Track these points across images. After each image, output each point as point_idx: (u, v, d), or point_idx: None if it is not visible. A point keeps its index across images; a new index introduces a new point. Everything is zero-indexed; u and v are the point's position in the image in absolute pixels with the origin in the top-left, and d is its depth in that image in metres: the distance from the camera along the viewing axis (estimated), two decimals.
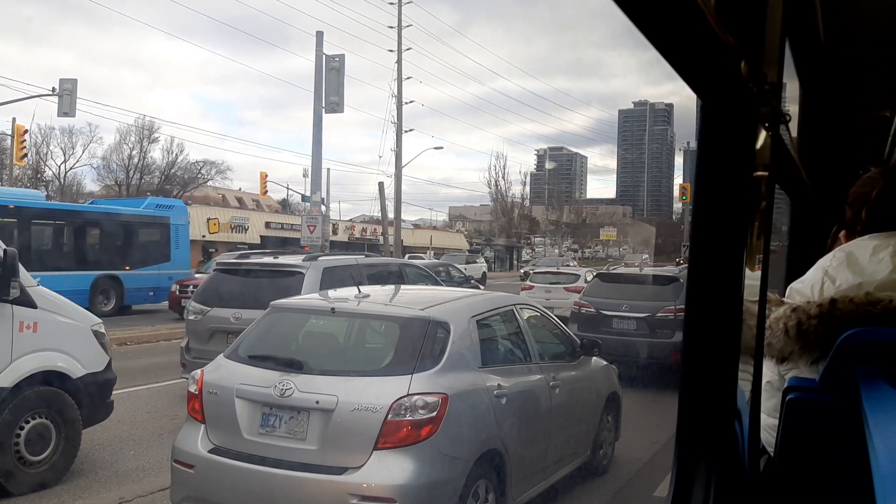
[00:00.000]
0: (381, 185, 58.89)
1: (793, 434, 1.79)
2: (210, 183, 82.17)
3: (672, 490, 1.66)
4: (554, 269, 27.77)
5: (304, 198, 37.07)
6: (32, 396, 7.07)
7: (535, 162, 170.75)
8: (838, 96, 4.08)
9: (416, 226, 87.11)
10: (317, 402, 5.23)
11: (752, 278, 1.68)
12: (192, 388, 5.83)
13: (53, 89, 29.60)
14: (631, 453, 9.01)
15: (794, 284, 2.04)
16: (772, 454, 1.97)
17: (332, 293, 7.22)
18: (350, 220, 79.34)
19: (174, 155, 77.73)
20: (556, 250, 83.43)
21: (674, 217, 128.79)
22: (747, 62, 1.36)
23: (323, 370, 5.77)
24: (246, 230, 63.57)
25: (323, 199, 30.70)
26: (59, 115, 29.83)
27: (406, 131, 48.58)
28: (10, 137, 35.90)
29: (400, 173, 49.48)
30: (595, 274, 18.60)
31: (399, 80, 44.91)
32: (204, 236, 59.10)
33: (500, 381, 5.84)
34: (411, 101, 45.91)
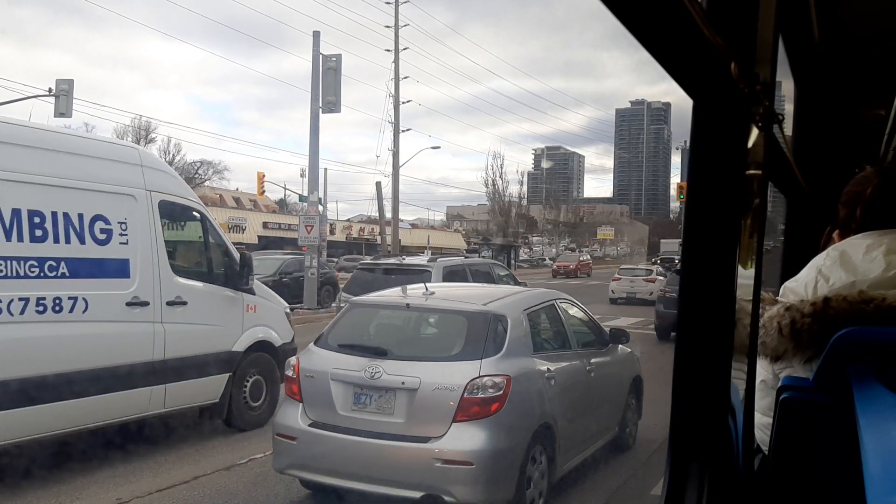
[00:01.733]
0: (378, 184, 58.86)
1: (787, 433, 1.79)
2: (207, 183, 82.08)
3: (666, 489, 1.66)
4: (634, 266, 37.57)
5: (301, 198, 37.02)
6: (254, 359, 9.75)
7: (533, 161, 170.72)
8: (833, 94, 4.08)
9: (414, 225, 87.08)
10: (402, 383, 6.21)
11: (745, 277, 1.69)
12: (290, 373, 6.84)
13: (50, 90, 29.57)
14: (627, 453, 9.02)
15: (788, 283, 2.04)
16: (766, 453, 1.97)
17: (402, 290, 8.09)
18: (348, 220, 79.36)
19: (171, 155, 77.61)
20: (554, 250, 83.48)
21: (671, 216, 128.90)
22: (738, 63, 1.36)
23: (405, 356, 6.75)
24: (243, 230, 63.49)
25: (320, 198, 30.66)
26: (55, 116, 29.76)
27: (403, 131, 48.60)
28: None
29: (397, 173, 49.46)
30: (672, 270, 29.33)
31: (396, 79, 44.91)
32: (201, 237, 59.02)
33: (549, 366, 6.89)
34: (408, 101, 45.94)
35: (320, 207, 28.88)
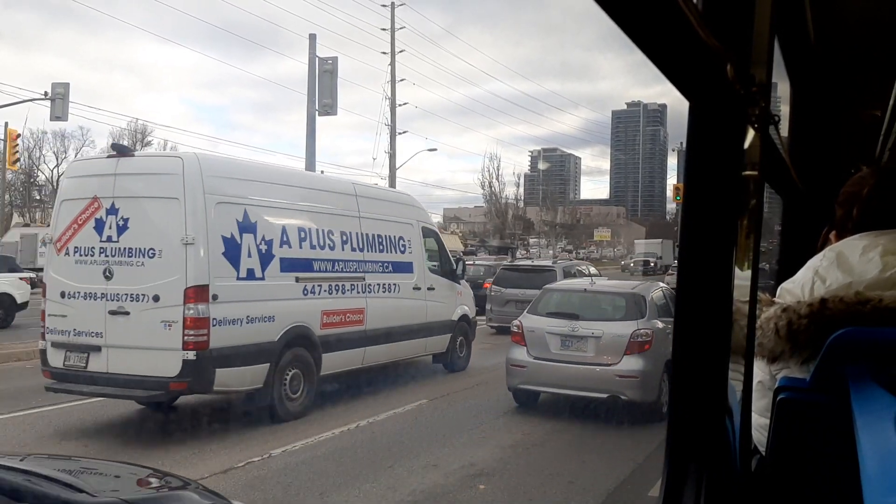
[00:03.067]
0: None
1: (784, 434, 1.79)
2: None
3: (663, 490, 1.66)
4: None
5: None
6: (458, 325, 15.06)
7: (529, 163, 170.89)
8: (829, 95, 4.09)
9: None
10: (592, 333, 10.69)
11: (742, 278, 1.69)
12: (515, 329, 11.45)
13: (46, 93, 29.54)
14: (625, 454, 9.03)
15: (785, 284, 2.04)
16: (763, 454, 1.97)
17: (573, 281, 16.01)
18: None
19: None
20: (551, 251, 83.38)
21: (667, 217, 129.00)
22: (733, 65, 1.36)
23: (590, 318, 10.98)
24: None
25: None
26: (51, 119, 29.79)
27: (400, 133, 48.54)
28: (2, 142, 35.80)
29: (394, 175, 49.43)
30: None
31: (392, 81, 44.88)
32: None
33: (667, 325, 10.48)
34: (405, 103, 45.86)
35: None
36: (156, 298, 9.37)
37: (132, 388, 9.41)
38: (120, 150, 10.51)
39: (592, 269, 25.29)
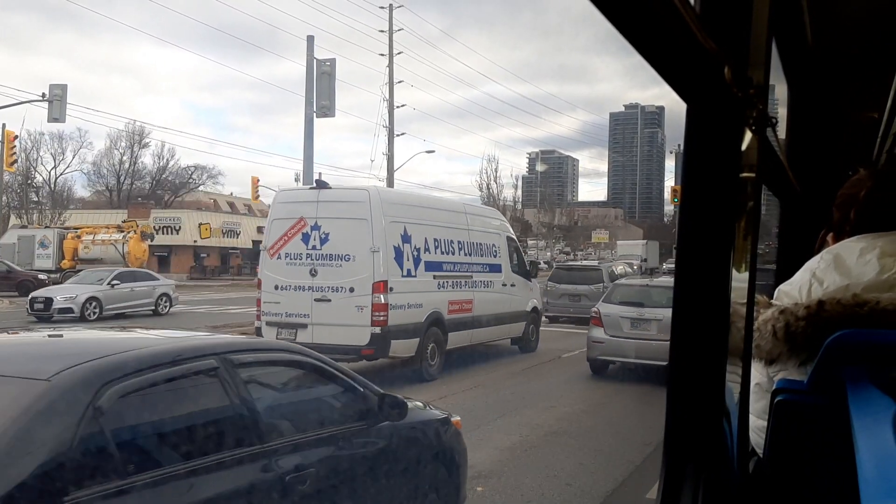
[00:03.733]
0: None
1: (781, 436, 1.79)
2: (201, 188, 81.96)
3: (661, 492, 1.66)
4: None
5: None
6: (530, 314, 18.37)
7: (527, 165, 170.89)
8: (826, 97, 4.10)
9: None
10: (654, 317, 13.62)
11: (739, 280, 1.68)
12: (594, 314, 14.77)
13: (43, 95, 29.55)
14: (623, 455, 9.03)
15: (783, 286, 2.04)
16: (761, 456, 1.97)
17: (636, 278, 21.90)
18: None
19: (165, 160, 77.55)
20: (549, 253, 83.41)
21: (665, 219, 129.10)
22: (731, 67, 1.36)
23: (652, 306, 13.87)
24: (238, 235, 63.42)
25: None
26: (49, 121, 29.84)
27: (398, 135, 48.54)
28: None
29: (392, 177, 49.44)
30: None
31: (390, 83, 44.89)
32: (195, 241, 58.95)
33: None
34: (402, 105, 45.89)
35: None
36: (351, 290, 13.37)
37: (332, 353, 10.56)
38: (320, 184, 14.58)
39: (625, 268, 31.77)
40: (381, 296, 13.20)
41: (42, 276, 38.67)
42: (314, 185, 14.75)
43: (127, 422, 3.69)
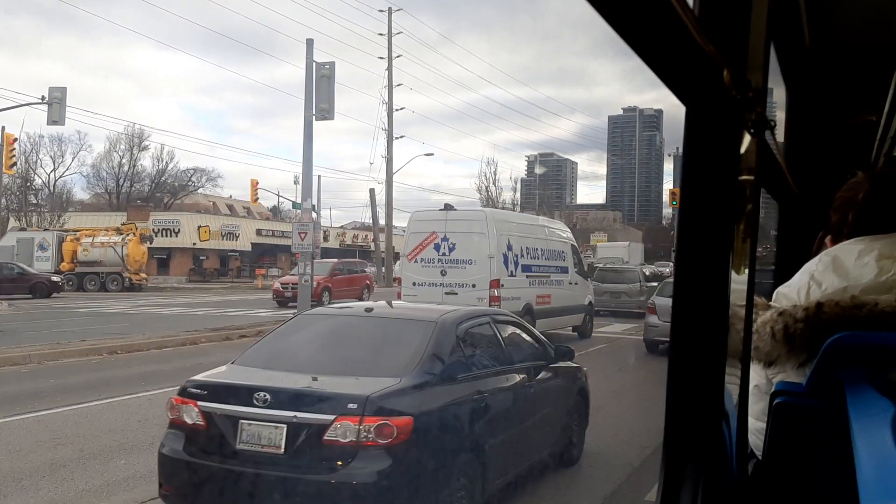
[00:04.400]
0: (372, 191, 58.88)
1: (780, 438, 1.80)
2: (200, 190, 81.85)
3: (660, 494, 1.66)
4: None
5: (294, 205, 36.95)
6: (587, 307, 22.78)
7: (526, 168, 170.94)
8: (824, 101, 4.10)
9: None
10: None
11: (738, 282, 1.69)
12: (650, 304, 18.65)
13: (43, 97, 29.52)
14: (621, 458, 9.03)
15: (781, 288, 2.05)
16: (760, 458, 1.97)
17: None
18: (341, 227, 79.15)
19: (164, 163, 77.45)
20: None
21: (663, 222, 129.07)
22: (730, 70, 1.36)
23: None
24: (237, 237, 63.37)
25: (314, 206, 30.57)
26: (48, 124, 29.74)
27: (397, 138, 48.57)
28: None
29: (391, 180, 49.45)
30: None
31: (389, 86, 44.95)
32: (194, 244, 58.91)
33: None
34: (402, 108, 45.96)
35: (314, 214, 28.82)
36: (473, 285, 18.18)
37: None
38: (447, 207, 19.63)
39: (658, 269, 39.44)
40: (495, 290, 18.05)
41: (56, 278, 38.61)
42: (443, 207, 19.72)
43: (468, 342, 7.23)
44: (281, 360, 6.99)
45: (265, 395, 5.75)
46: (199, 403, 6.00)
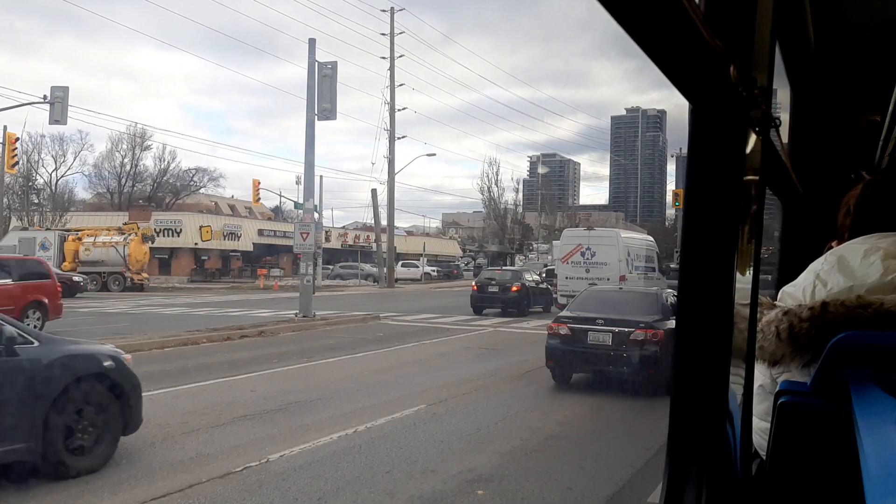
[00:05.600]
0: (373, 191, 58.93)
1: (785, 438, 1.79)
2: (202, 190, 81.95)
3: (664, 494, 1.65)
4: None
5: (296, 205, 37.02)
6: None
7: (528, 168, 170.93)
8: (829, 100, 4.09)
9: (409, 233, 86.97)
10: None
11: (743, 282, 1.68)
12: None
13: (45, 97, 29.58)
14: (624, 459, 9.02)
15: (786, 288, 2.04)
16: (764, 458, 1.97)
17: None
18: (343, 227, 79.22)
19: (166, 162, 77.51)
20: (549, 257, 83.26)
21: (666, 223, 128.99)
22: (736, 66, 1.36)
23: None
24: (238, 237, 63.41)
25: (316, 206, 30.63)
26: (50, 123, 29.81)
27: (399, 138, 48.59)
28: (0, 145, 35.81)
29: (393, 180, 49.47)
30: None
31: (392, 87, 44.98)
32: (196, 244, 58.97)
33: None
34: (404, 109, 45.98)
35: (316, 215, 28.85)
36: (608, 279, 26.33)
37: None
38: (589, 227, 32.30)
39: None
40: (624, 283, 24.70)
41: (77, 278, 38.41)
42: (587, 228, 31.34)
43: (667, 301, 14.67)
44: (593, 308, 14.31)
45: (600, 319, 13.58)
46: (567, 325, 13.84)
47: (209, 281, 56.29)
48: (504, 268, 43.35)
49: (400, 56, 47.23)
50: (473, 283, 34.51)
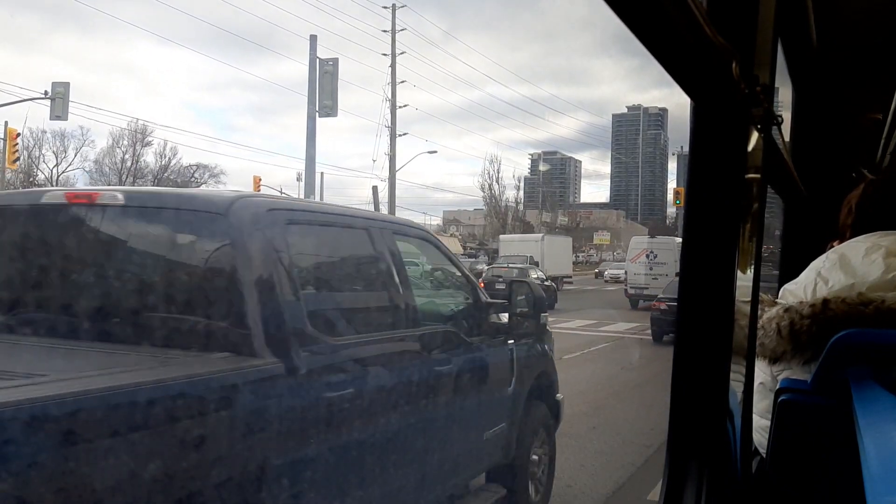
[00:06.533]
0: (375, 189, 58.70)
1: (785, 435, 1.79)
2: (203, 186, 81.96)
3: (664, 492, 1.65)
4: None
5: None
6: None
7: (529, 166, 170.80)
8: (830, 99, 4.09)
9: None
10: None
11: (744, 279, 1.68)
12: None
13: (46, 93, 29.57)
14: (624, 457, 9.03)
15: (788, 286, 2.04)
16: (764, 456, 1.97)
17: None
18: None
19: (167, 159, 77.35)
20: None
21: (667, 222, 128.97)
22: (739, 64, 1.36)
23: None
24: None
25: None
26: (51, 119, 29.82)
27: (400, 135, 48.58)
28: (1, 141, 35.82)
29: (394, 177, 49.46)
30: None
31: (393, 83, 44.95)
32: None
33: None
34: (405, 106, 45.98)
35: None
36: (666, 276, 30.18)
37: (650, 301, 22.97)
38: (652, 234, 43.98)
39: None
40: (676, 280, 27.50)
41: None
42: (651, 236, 35.78)
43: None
44: (675, 291, 15.93)
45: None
46: (665, 303, 20.02)
47: None
48: (511, 265, 42.02)
49: (401, 53, 47.18)
50: (481, 281, 34.16)
